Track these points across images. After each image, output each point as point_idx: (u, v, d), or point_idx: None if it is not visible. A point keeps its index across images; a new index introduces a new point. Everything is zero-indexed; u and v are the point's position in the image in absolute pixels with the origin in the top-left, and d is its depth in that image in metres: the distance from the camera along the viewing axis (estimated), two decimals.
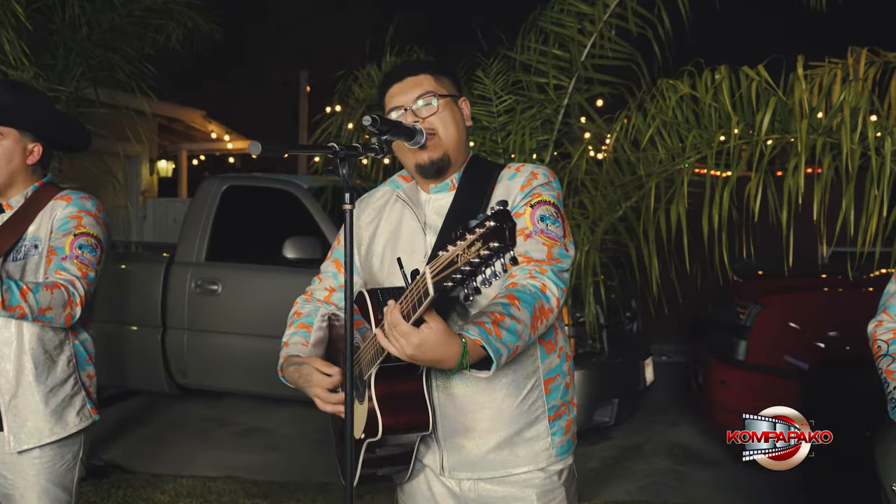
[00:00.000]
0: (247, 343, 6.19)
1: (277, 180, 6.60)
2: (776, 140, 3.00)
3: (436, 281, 1.69)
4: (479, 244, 1.57)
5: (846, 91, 2.90)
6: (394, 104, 2.29)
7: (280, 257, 5.98)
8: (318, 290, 2.55)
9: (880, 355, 2.35)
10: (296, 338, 2.44)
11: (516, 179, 2.24)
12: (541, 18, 4.34)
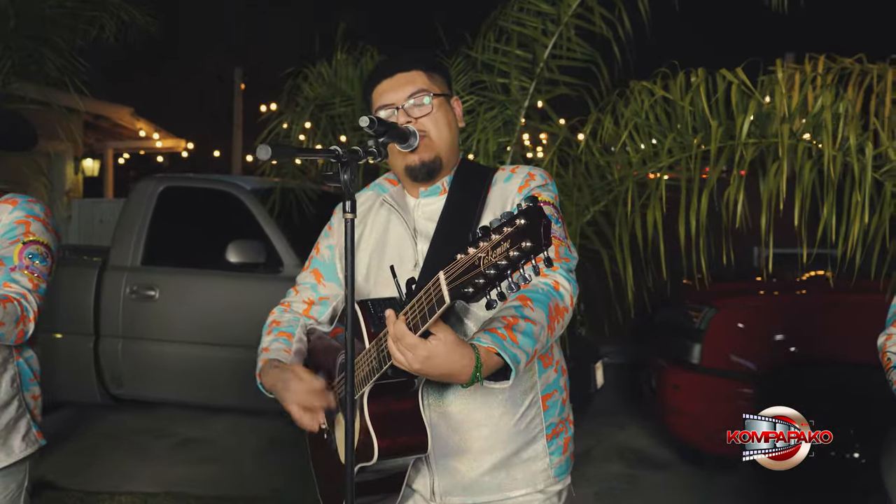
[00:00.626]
0: (186, 351, 5.93)
1: (218, 181, 6.35)
2: (756, 144, 2.95)
3: (453, 287, 1.56)
4: (507, 244, 1.45)
5: (824, 95, 2.87)
6: (383, 102, 2.14)
7: (222, 262, 5.74)
8: (295, 302, 2.38)
9: (891, 367, 2.32)
10: (277, 344, 2.28)
11: (513, 181, 2.12)
12: (502, 17, 4.23)
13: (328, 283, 2.33)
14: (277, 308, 2.41)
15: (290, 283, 6.29)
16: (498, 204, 2.10)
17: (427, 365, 1.73)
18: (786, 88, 3.20)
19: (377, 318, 1.95)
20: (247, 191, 6.06)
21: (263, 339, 2.33)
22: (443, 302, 1.60)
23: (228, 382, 5.84)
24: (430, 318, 1.65)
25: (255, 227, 5.89)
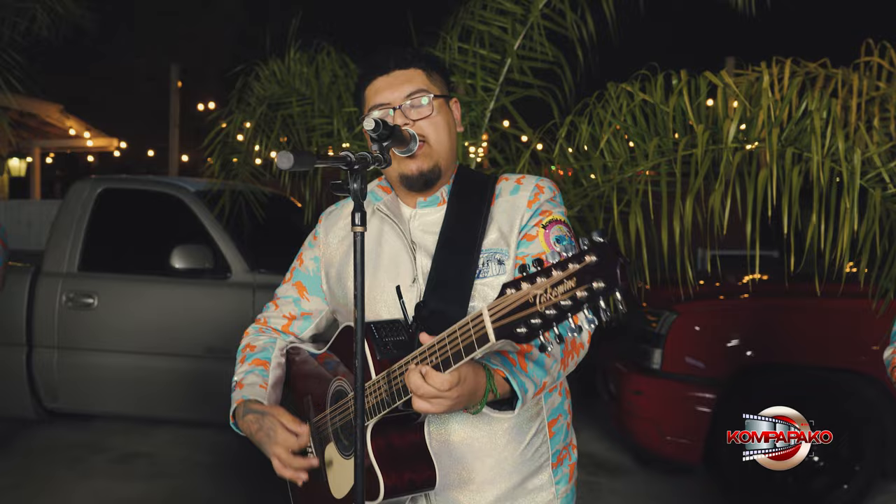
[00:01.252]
0: (128, 361, 5.65)
1: (161, 183, 6.06)
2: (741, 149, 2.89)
3: (500, 326, 1.41)
4: (573, 283, 1.30)
5: (808, 99, 2.82)
6: (378, 101, 1.97)
7: (167, 267, 5.47)
8: (273, 317, 2.20)
9: None
10: (251, 377, 2.09)
11: (521, 194, 1.98)
12: (467, 16, 4.09)
13: (312, 298, 2.17)
14: (252, 327, 2.23)
15: (238, 290, 6.05)
16: (504, 218, 1.96)
17: (451, 409, 1.63)
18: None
19: (382, 343, 1.80)
20: (191, 193, 5.80)
21: (237, 367, 2.15)
22: (486, 341, 1.47)
23: (171, 393, 5.59)
24: (465, 356, 1.53)
25: (200, 231, 5.64)
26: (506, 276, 1.91)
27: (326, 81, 4.49)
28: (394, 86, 1.97)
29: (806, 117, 2.79)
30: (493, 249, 1.93)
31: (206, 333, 5.44)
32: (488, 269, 1.91)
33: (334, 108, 4.31)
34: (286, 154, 1.53)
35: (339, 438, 1.93)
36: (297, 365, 2.14)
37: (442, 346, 1.58)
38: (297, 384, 2.13)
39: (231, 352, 5.61)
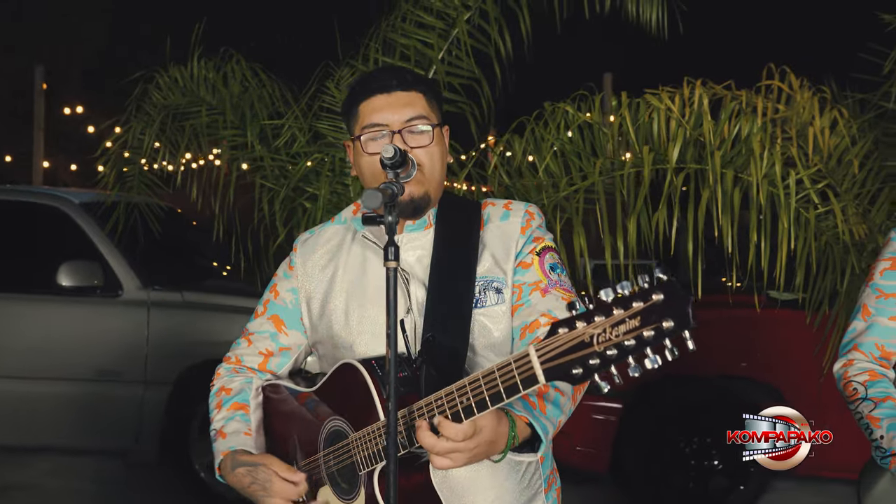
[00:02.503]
0: (7, 387, 5.23)
1: (40, 194, 5.65)
2: (686, 170, 2.96)
3: (551, 367, 1.36)
4: (637, 322, 1.27)
5: (745, 123, 2.93)
6: (375, 120, 1.88)
7: (52, 285, 5.11)
8: (247, 355, 2.06)
9: (857, 398, 2.30)
10: (233, 424, 1.95)
11: (512, 220, 1.94)
12: (388, 29, 4.03)
13: (291, 332, 2.03)
14: (223, 367, 2.08)
15: (131, 308, 5.71)
16: (498, 244, 1.91)
17: (470, 462, 1.57)
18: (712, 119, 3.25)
19: (387, 381, 1.71)
20: (75, 205, 5.44)
21: (213, 413, 2.00)
22: (534, 382, 1.42)
23: (56, 420, 5.24)
24: (505, 398, 1.47)
25: (88, 246, 5.30)
26: (505, 305, 1.87)
27: (236, 91, 4.31)
28: (394, 107, 1.89)
29: (740, 142, 2.90)
30: (489, 277, 1.88)
31: (96, 355, 5.12)
32: (486, 298, 1.86)
33: (247, 119, 4.14)
34: (375, 193, 1.45)
35: (337, 482, 1.82)
36: (276, 404, 2.02)
37: (475, 386, 1.51)
38: (277, 425, 2.00)
39: (124, 374, 5.35)
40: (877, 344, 2.34)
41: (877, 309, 2.36)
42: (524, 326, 1.83)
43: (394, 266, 1.53)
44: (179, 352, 5.10)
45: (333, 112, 3.93)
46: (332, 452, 1.82)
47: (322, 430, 1.85)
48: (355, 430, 1.75)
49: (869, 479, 2.42)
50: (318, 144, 3.95)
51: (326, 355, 2.00)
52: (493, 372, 1.48)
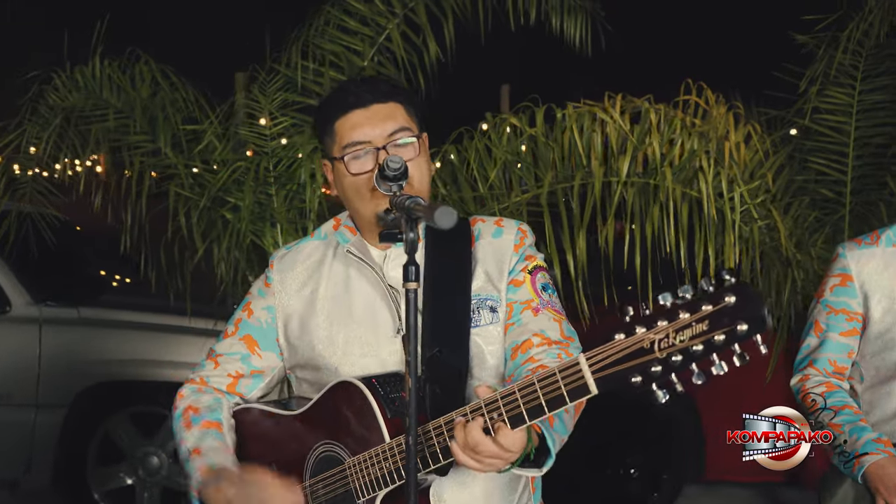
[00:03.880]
0: None
1: None
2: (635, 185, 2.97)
3: (605, 375, 1.31)
4: (705, 326, 1.22)
5: (690, 139, 2.97)
6: (357, 138, 1.79)
7: None
8: (213, 376, 1.92)
9: (817, 409, 2.38)
10: (209, 441, 1.81)
11: (505, 237, 1.88)
12: (313, 33, 3.90)
13: (265, 353, 1.91)
14: (187, 388, 1.94)
15: (20, 326, 5.32)
16: (491, 261, 1.85)
17: (494, 470, 1.51)
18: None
19: (389, 400, 1.62)
20: None
21: (182, 434, 1.85)
22: (584, 392, 1.37)
23: None
24: (548, 410, 1.42)
25: None
26: (500, 324, 1.80)
27: (145, 94, 4.06)
28: (374, 122, 1.80)
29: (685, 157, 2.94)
30: (483, 295, 1.82)
31: None
32: (480, 317, 1.80)
33: (160, 124, 3.90)
34: (450, 210, 1.34)
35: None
36: (249, 427, 1.88)
37: (511, 400, 1.44)
38: (251, 449, 1.86)
39: (13, 396, 4.93)
40: (829, 360, 2.44)
41: (828, 325, 2.45)
42: (515, 346, 1.79)
43: (413, 287, 1.45)
44: (75, 372, 4.76)
45: (257, 117, 3.75)
46: (323, 480, 1.71)
47: (309, 457, 1.74)
48: (353, 454, 1.64)
49: (829, 486, 2.49)
50: (240, 152, 3.76)
51: (306, 378, 1.89)
52: (534, 384, 1.41)
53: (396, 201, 1.55)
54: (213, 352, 1.95)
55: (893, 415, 2.40)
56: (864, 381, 2.48)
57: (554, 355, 1.72)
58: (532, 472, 1.63)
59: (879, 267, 2.40)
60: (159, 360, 4.84)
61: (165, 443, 4.76)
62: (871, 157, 4.17)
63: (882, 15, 3.73)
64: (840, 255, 2.47)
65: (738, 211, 2.90)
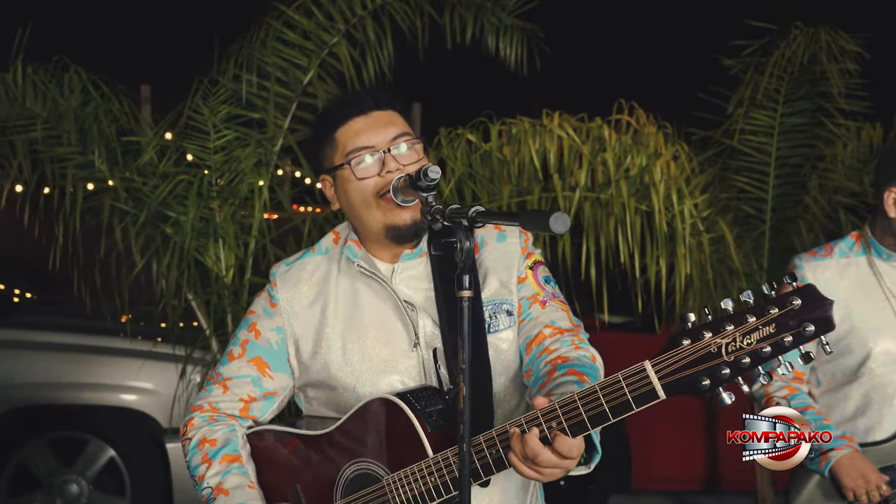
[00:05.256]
0: None
1: None
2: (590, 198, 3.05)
3: (673, 380, 1.34)
4: (772, 328, 1.28)
5: (639, 155, 3.07)
6: (361, 143, 1.80)
7: None
8: (224, 401, 1.85)
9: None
10: (233, 479, 1.76)
11: (510, 241, 1.90)
12: (257, 48, 3.84)
13: (276, 374, 1.86)
14: (198, 416, 1.86)
15: None
16: (501, 266, 1.87)
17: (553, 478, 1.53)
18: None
19: (427, 415, 1.62)
20: None
21: (201, 470, 1.78)
22: (652, 398, 1.41)
23: None
24: (612, 417, 1.45)
25: None
26: (515, 327, 1.83)
27: (74, 104, 3.91)
28: (375, 128, 1.81)
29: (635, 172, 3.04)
30: (497, 300, 1.83)
31: None
32: (498, 322, 1.82)
33: (94, 136, 3.75)
34: (564, 216, 1.34)
35: None
36: (264, 452, 1.83)
37: (571, 409, 1.46)
38: (268, 476, 1.81)
39: None
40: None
41: None
42: (530, 340, 1.82)
43: (468, 294, 1.47)
44: None
45: (201, 131, 3.67)
46: (358, 499, 1.67)
47: (340, 476, 1.70)
48: (391, 471, 1.61)
49: (797, 485, 2.61)
50: (183, 166, 3.66)
51: (318, 397, 1.85)
52: (595, 392, 1.44)
53: (452, 210, 1.55)
54: (220, 375, 1.88)
55: (851, 416, 2.57)
56: (822, 386, 2.64)
57: (567, 342, 1.76)
58: (582, 471, 1.64)
59: (835, 277, 2.56)
60: (77, 383, 4.62)
61: (85, 469, 4.56)
62: (789, 177, 4.41)
63: (805, 44, 3.97)
64: (797, 267, 2.62)
65: (689, 223, 3.02)
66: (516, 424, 1.52)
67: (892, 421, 2.53)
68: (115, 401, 4.55)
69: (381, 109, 1.83)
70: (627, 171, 3.13)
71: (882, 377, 2.54)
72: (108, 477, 4.59)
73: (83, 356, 4.65)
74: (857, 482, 2.40)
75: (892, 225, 2.55)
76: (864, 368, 2.56)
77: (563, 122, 3.72)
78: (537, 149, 3.21)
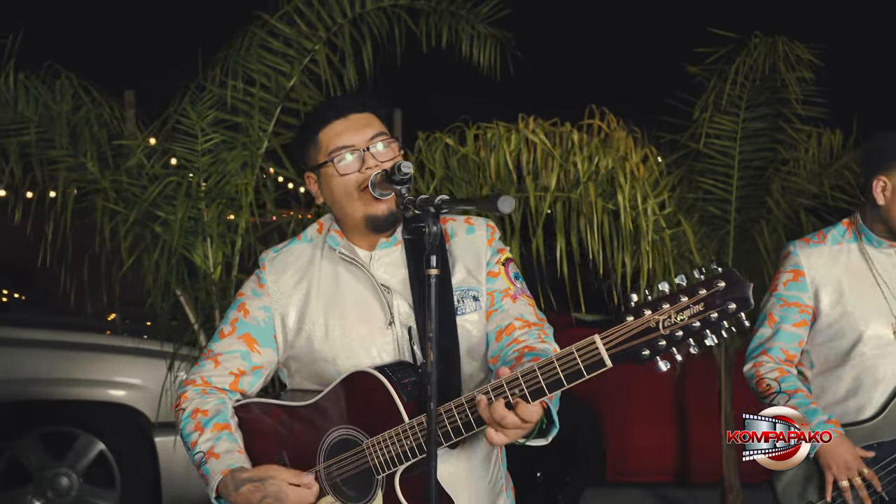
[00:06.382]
0: None
1: None
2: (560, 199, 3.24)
3: (618, 351, 1.53)
4: (701, 307, 1.47)
5: (606, 157, 3.26)
6: (342, 143, 1.98)
7: None
8: (215, 376, 2.04)
9: (771, 392, 2.61)
10: (223, 444, 1.93)
11: (478, 233, 2.09)
12: (243, 54, 4.00)
13: (264, 350, 2.05)
14: (191, 389, 2.04)
15: None
16: (469, 256, 2.05)
17: (515, 439, 1.71)
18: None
19: (402, 385, 1.82)
20: None
21: (193, 436, 1.95)
22: (601, 366, 1.59)
23: None
24: (566, 383, 1.62)
25: None
26: (481, 311, 2.01)
27: (66, 108, 4.05)
28: (353, 129, 2.00)
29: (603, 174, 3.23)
30: (465, 287, 2.02)
31: None
32: (465, 306, 2.00)
33: (86, 140, 3.91)
34: (509, 199, 1.52)
35: (341, 490, 1.86)
36: (251, 423, 2.00)
37: (531, 377, 1.64)
38: (255, 444, 1.98)
39: None
40: (782, 348, 2.68)
41: (781, 317, 2.70)
42: (500, 330, 2.00)
43: (435, 272, 1.65)
44: None
45: (188, 134, 3.83)
46: (339, 461, 1.85)
47: (322, 442, 1.87)
48: (370, 436, 1.79)
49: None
50: (173, 168, 3.82)
51: (301, 371, 2.03)
52: (552, 362, 1.62)
53: (419, 201, 1.73)
54: (212, 351, 2.06)
55: (843, 398, 2.66)
56: (815, 368, 2.74)
57: (534, 335, 1.95)
58: (539, 442, 1.82)
59: (828, 263, 2.67)
60: (66, 378, 4.76)
61: (76, 463, 4.69)
62: (752, 179, 4.61)
63: (766, 52, 4.18)
64: (792, 253, 2.72)
65: (651, 221, 3.21)
66: (483, 392, 1.70)
67: (879, 401, 2.61)
68: (104, 396, 4.69)
69: (359, 112, 2.02)
70: (597, 173, 3.31)
71: (872, 360, 2.62)
72: (97, 470, 4.73)
73: (72, 353, 4.78)
74: (840, 467, 2.49)
75: (881, 213, 2.62)
76: (855, 351, 2.65)
77: (537, 127, 3.90)
78: (511, 151, 3.39)
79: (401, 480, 1.78)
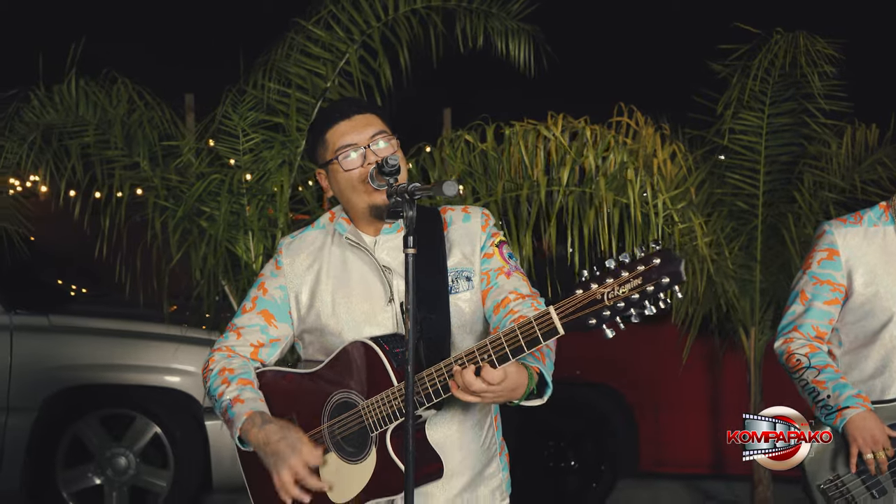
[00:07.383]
0: None
1: None
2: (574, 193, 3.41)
3: (569, 320, 1.72)
4: (640, 280, 1.65)
5: (620, 153, 3.41)
6: (347, 142, 2.21)
7: None
8: (238, 346, 2.30)
9: (801, 367, 2.67)
10: (248, 393, 2.19)
11: (473, 221, 2.29)
12: (281, 58, 4.25)
13: (280, 324, 2.30)
14: (218, 354, 2.29)
15: None
16: (465, 241, 2.25)
17: (493, 402, 1.90)
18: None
19: (394, 354, 2.04)
20: None
21: (221, 388, 2.21)
22: (554, 334, 1.78)
23: None
24: (526, 349, 1.82)
25: None
26: (474, 290, 2.21)
27: (122, 112, 4.37)
28: (357, 128, 2.21)
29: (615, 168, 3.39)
30: (459, 269, 2.22)
31: None
32: (458, 286, 2.21)
33: (140, 140, 4.21)
34: (453, 182, 1.72)
35: (342, 447, 2.08)
36: (267, 386, 2.25)
37: (497, 344, 1.84)
38: (270, 404, 2.22)
39: None
40: (813, 325, 2.74)
41: (814, 294, 2.76)
42: (496, 304, 2.20)
43: (412, 252, 1.85)
44: (45, 377, 4.97)
45: (230, 134, 4.09)
46: (340, 421, 2.08)
47: (326, 404, 2.10)
48: (366, 398, 2.01)
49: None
50: (216, 166, 4.10)
51: (313, 343, 2.26)
52: (514, 331, 1.81)
53: (396, 189, 1.94)
54: (234, 325, 2.31)
55: (870, 376, 2.71)
56: (843, 346, 2.79)
57: (528, 305, 2.14)
58: (536, 402, 1.99)
59: (863, 244, 2.71)
60: (125, 365, 5.08)
61: (133, 444, 5.02)
62: (779, 174, 4.69)
63: (786, 47, 4.26)
64: (827, 232, 2.76)
65: (662, 215, 3.34)
66: (457, 360, 1.90)
67: None
68: (160, 381, 5.02)
69: (360, 113, 2.24)
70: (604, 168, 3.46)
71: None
72: (153, 451, 5.06)
73: (131, 341, 5.11)
74: (866, 441, 2.54)
75: None
76: (884, 331, 2.68)
77: (553, 125, 4.04)
78: (528, 148, 3.57)
79: (391, 438, 1.99)
